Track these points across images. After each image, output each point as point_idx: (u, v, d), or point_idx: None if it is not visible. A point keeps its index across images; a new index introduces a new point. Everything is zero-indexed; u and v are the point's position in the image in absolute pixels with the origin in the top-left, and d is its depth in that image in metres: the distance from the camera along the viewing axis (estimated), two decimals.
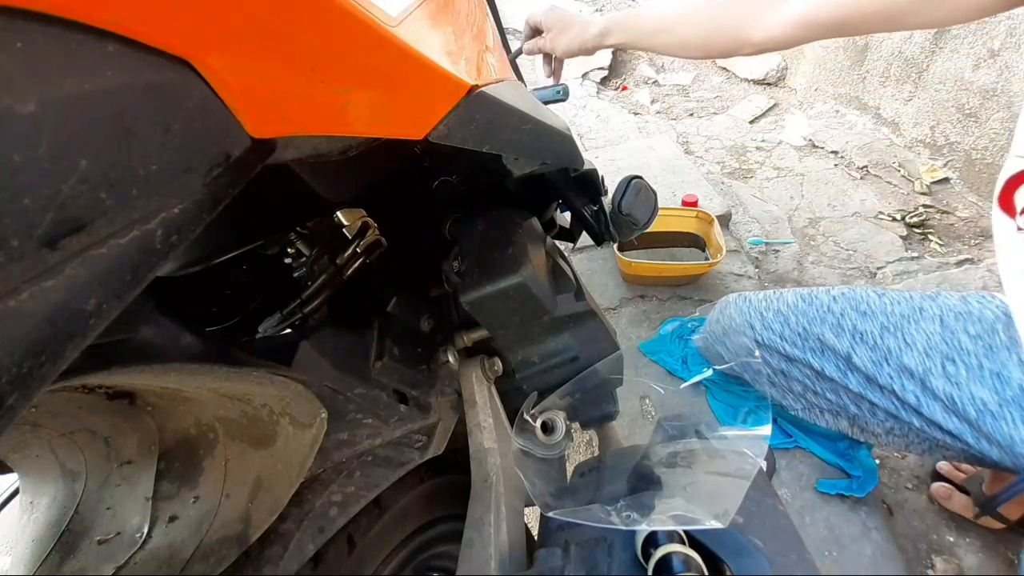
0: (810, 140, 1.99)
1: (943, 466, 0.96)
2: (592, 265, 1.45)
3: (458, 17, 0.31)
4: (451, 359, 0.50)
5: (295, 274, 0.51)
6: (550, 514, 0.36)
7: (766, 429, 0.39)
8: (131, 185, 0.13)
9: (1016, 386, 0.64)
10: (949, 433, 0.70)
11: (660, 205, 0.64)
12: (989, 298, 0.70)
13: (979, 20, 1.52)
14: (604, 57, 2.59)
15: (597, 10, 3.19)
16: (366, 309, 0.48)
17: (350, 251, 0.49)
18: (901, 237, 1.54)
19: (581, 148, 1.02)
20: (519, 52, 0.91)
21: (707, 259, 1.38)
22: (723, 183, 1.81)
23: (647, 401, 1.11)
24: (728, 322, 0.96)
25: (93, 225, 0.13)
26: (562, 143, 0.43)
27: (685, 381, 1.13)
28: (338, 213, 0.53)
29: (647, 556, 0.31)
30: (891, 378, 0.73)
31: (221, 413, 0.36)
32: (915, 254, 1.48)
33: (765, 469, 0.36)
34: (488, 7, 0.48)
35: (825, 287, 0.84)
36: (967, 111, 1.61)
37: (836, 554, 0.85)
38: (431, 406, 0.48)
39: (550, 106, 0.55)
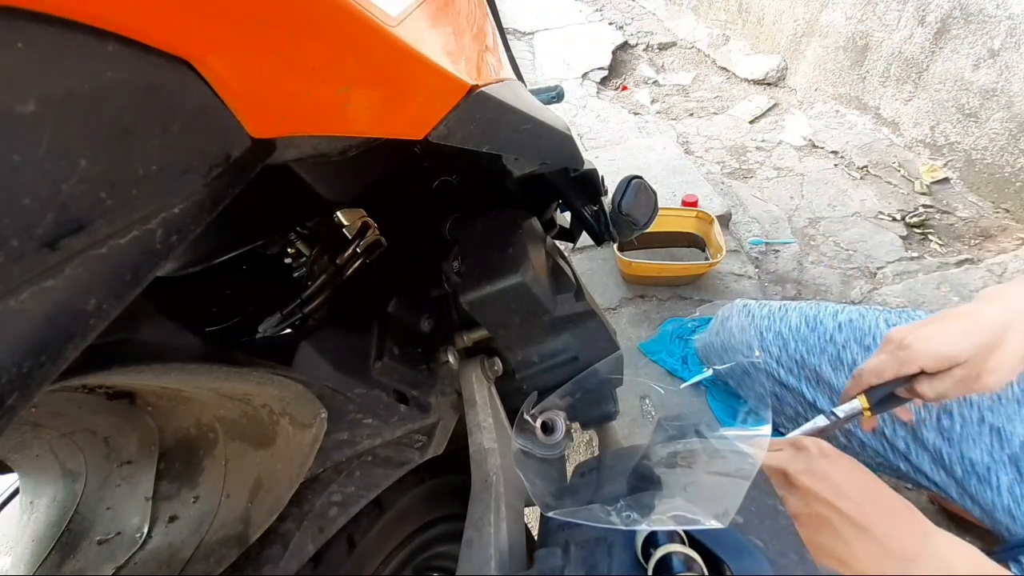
0: (810, 140, 1.99)
1: None
2: (592, 265, 1.45)
3: (458, 17, 0.31)
4: (451, 359, 0.50)
5: (295, 274, 0.51)
6: (550, 514, 0.36)
7: (766, 429, 0.39)
8: (131, 185, 0.13)
9: (1017, 443, 0.61)
10: (934, 483, 0.69)
11: (660, 205, 0.64)
12: None
13: (979, 20, 1.52)
14: (604, 57, 2.59)
15: (597, 10, 3.19)
16: (366, 309, 0.48)
17: (350, 251, 0.49)
18: (901, 237, 1.54)
19: (581, 148, 1.02)
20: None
21: (707, 259, 1.38)
22: (723, 183, 1.81)
23: (647, 401, 1.11)
24: (727, 337, 0.95)
25: (93, 225, 0.13)
26: (562, 143, 0.43)
27: (685, 381, 1.13)
28: (338, 213, 0.53)
29: (647, 556, 0.31)
30: (883, 421, 0.72)
31: (221, 413, 0.36)
32: (915, 254, 1.48)
33: None
34: (488, 7, 0.48)
35: (834, 308, 0.80)
36: (967, 111, 1.61)
37: None
38: (431, 406, 0.48)
39: (548, 106, 0.55)
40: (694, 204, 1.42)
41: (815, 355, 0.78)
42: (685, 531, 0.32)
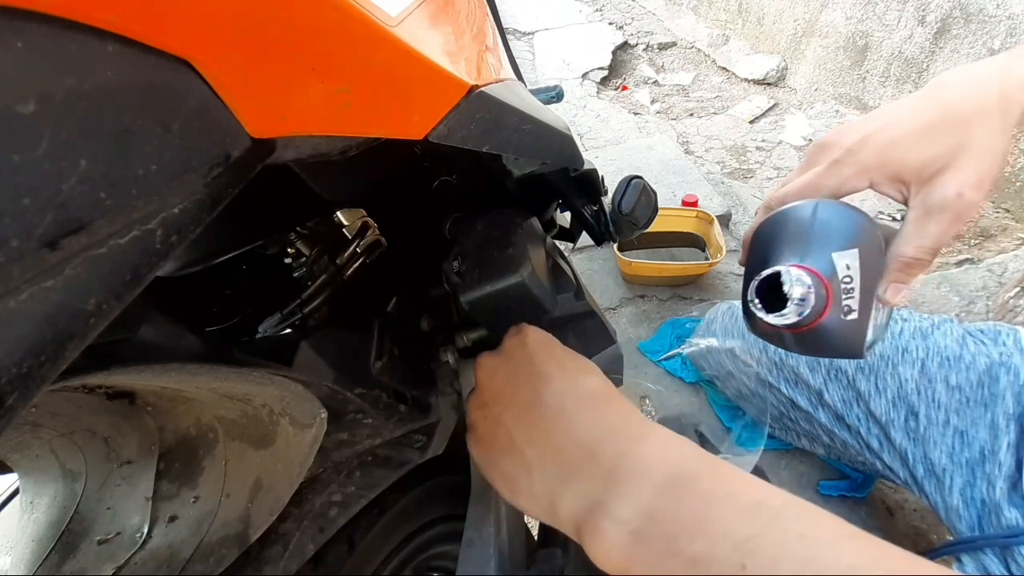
0: (810, 140, 1.99)
1: None
2: (592, 265, 1.45)
3: (458, 17, 0.31)
4: (451, 359, 0.50)
5: (295, 274, 0.51)
6: None
7: (758, 451, 0.39)
8: (131, 185, 0.13)
9: (977, 449, 0.61)
10: (905, 483, 0.71)
11: (660, 205, 0.64)
12: (1003, 340, 0.66)
13: (979, 20, 1.52)
14: (604, 57, 2.59)
15: (597, 10, 3.19)
16: (366, 309, 0.48)
17: (350, 251, 0.49)
18: None
19: (581, 148, 1.02)
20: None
21: (707, 259, 1.38)
22: (723, 183, 1.81)
23: (647, 401, 1.11)
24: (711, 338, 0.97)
25: (93, 225, 0.13)
26: (562, 143, 0.43)
27: (685, 381, 1.13)
28: (338, 213, 0.53)
29: None
30: (858, 420, 0.74)
31: (221, 413, 0.36)
32: None
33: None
34: (488, 7, 0.48)
35: None
36: None
37: None
38: (431, 406, 0.48)
39: (548, 106, 0.55)
40: (694, 204, 1.42)
41: (793, 356, 0.79)
42: None
